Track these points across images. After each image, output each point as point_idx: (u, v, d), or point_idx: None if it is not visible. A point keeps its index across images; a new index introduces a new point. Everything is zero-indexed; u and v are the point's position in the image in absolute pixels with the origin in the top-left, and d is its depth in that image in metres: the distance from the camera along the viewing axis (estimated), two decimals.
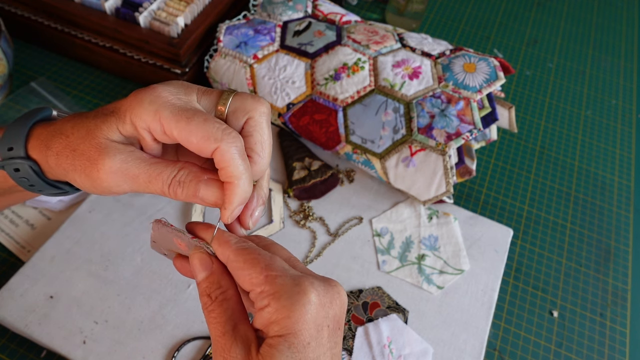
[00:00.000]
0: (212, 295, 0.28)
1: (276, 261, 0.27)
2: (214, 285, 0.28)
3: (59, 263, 0.52)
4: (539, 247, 0.61)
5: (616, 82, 0.83)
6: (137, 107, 0.28)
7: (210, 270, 0.29)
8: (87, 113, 0.30)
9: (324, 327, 0.26)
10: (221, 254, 0.29)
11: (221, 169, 0.27)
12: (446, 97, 0.56)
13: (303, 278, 0.26)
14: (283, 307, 0.25)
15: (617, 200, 0.67)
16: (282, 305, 0.25)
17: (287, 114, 0.61)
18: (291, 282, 0.26)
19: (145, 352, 0.47)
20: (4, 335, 0.49)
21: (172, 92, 0.28)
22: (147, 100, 0.28)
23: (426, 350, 0.50)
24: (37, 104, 0.67)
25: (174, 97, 0.28)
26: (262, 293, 0.26)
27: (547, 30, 0.90)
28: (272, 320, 0.25)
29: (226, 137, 0.27)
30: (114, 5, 0.66)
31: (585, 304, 0.57)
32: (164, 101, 0.28)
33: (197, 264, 0.29)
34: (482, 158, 0.69)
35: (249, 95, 0.30)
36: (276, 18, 0.67)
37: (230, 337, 0.26)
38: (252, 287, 0.26)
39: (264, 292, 0.26)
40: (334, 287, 0.27)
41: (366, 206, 0.60)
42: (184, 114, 0.27)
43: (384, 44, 0.62)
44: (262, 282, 0.26)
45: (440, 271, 0.55)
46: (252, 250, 0.28)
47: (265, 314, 0.26)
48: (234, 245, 0.28)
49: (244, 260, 0.27)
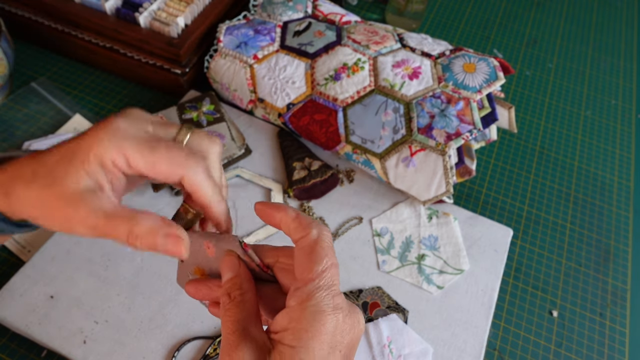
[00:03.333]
0: (232, 294, 0.28)
1: (332, 272, 0.27)
2: (235, 286, 0.29)
3: (59, 263, 0.52)
4: (538, 247, 0.61)
5: (616, 82, 0.83)
6: (98, 146, 0.27)
7: (236, 272, 0.29)
8: (44, 156, 0.28)
9: (336, 351, 0.26)
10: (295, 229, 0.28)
11: (192, 192, 0.29)
12: (446, 97, 0.56)
13: (337, 297, 0.26)
14: (305, 319, 0.25)
15: (617, 201, 0.67)
16: (304, 316, 0.25)
17: (287, 114, 0.61)
18: (325, 301, 0.26)
19: (145, 352, 0.47)
20: (5, 335, 0.49)
21: (130, 123, 0.28)
22: (106, 138, 0.27)
23: (426, 350, 0.50)
24: (37, 104, 0.67)
25: (133, 129, 0.28)
26: (297, 292, 0.26)
27: (546, 31, 0.90)
28: (290, 327, 0.25)
29: (191, 163, 0.28)
30: (114, 5, 0.66)
31: (585, 303, 0.57)
32: (123, 135, 0.27)
33: (226, 265, 0.30)
34: (482, 158, 0.69)
35: (205, 135, 0.31)
36: (276, 18, 0.67)
37: (239, 336, 0.27)
38: (298, 280, 0.27)
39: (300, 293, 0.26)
40: (356, 315, 0.27)
41: (366, 206, 0.60)
42: (147, 145, 0.27)
43: (384, 44, 0.62)
44: (307, 280, 0.26)
45: (440, 271, 0.55)
46: (328, 248, 0.28)
47: (285, 316, 0.26)
48: (315, 234, 0.28)
49: (313, 250, 0.27)
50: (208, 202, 0.29)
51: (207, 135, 0.31)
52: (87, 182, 0.28)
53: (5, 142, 0.63)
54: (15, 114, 0.66)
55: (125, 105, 0.69)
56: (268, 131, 0.66)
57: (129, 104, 0.69)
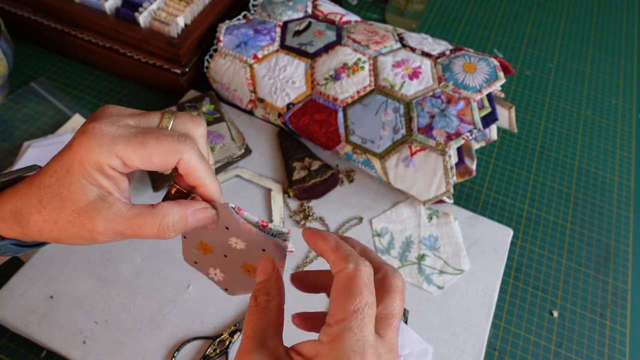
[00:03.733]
0: (258, 299, 0.29)
1: (364, 313, 0.25)
2: (264, 290, 0.29)
3: (59, 263, 0.52)
4: (539, 247, 0.61)
5: (616, 82, 0.83)
6: (90, 154, 0.27)
7: (269, 276, 0.29)
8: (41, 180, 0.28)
9: None
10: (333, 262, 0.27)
11: (187, 175, 0.29)
12: (446, 97, 0.56)
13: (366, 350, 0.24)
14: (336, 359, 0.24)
15: (617, 201, 0.67)
16: (331, 357, 0.24)
17: (287, 114, 0.61)
18: (351, 347, 0.24)
19: (145, 352, 0.47)
20: (4, 335, 0.49)
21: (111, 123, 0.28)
22: (95, 144, 0.27)
23: (426, 350, 0.50)
24: (37, 103, 0.67)
25: (116, 128, 0.27)
26: (329, 329, 0.25)
27: (547, 30, 0.90)
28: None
29: (183, 147, 0.28)
30: (114, 5, 0.66)
31: (585, 304, 0.57)
32: (110, 137, 0.27)
33: (261, 267, 0.30)
34: (482, 158, 0.69)
35: (189, 118, 0.30)
36: (276, 18, 0.67)
37: (254, 343, 0.27)
38: (333, 312, 0.25)
39: (331, 331, 0.25)
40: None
41: (366, 206, 0.60)
42: (136, 140, 0.27)
43: (384, 44, 0.62)
44: (339, 319, 0.25)
45: (440, 271, 0.55)
46: (367, 283, 0.26)
47: (313, 349, 0.25)
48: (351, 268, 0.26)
49: (348, 288, 0.25)
50: (202, 182, 0.29)
51: (190, 117, 0.30)
52: (94, 192, 0.28)
53: (5, 142, 0.63)
54: (15, 114, 0.66)
55: (125, 105, 0.69)
56: (268, 131, 0.66)
57: (128, 103, 0.69)
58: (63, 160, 0.28)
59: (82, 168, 0.27)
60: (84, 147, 0.27)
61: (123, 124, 0.28)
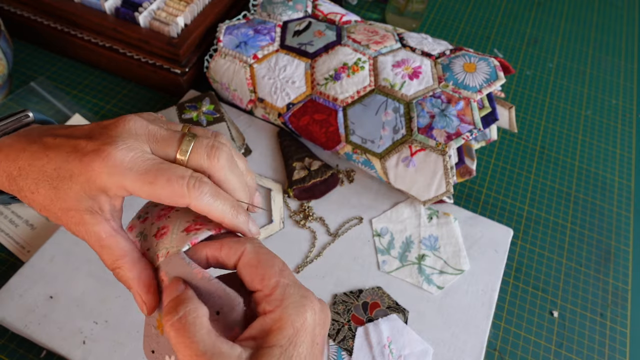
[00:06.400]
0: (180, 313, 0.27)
1: (287, 269, 0.28)
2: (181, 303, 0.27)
3: (58, 263, 0.52)
4: (539, 247, 0.61)
5: (616, 82, 0.83)
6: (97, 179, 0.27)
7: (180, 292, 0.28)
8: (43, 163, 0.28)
9: (315, 344, 0.27)
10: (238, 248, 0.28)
11: (205, 214, 0.28)
12: (446, 97, 0.56)
13: (309, 292, 0.27)
14: (289, 317, 0.25)
15: (617, 201, 0.67)
16: (288, 314, 0.25)
17: (287, 114, 0.61)
18: (299, 294, 0.26)
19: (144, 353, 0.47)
20: (4, 336, 0.49)
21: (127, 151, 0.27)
22: (105, 172, 0.27)
23: (426, 351, 0.50)
24: (37, 103, 0.67)
25: (130, 159, 0.27)
26: (269, 296, 0.26)
27: (547, 30, 0.90)
28: (274, 329, 0.25)
29: (193, 194, 0.27)
30: (114, 5, 0.66)
31: (585, 304, 0.57)
32: (122, 169, 0.27)
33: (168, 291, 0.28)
34: (482, 158, 0.69)
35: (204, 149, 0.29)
36: (276, 18, 0.67)
37: None
38: (262, 287, 0.27)
39: (274, 297, 0.26)
40: (327, 309, 0.28)
41: (366, 206, 0.60)
42: (146, 178, 0.27)
43: (384, 44, 0.62)
44: (273, 285, 0.26)
45: (440, 271, 0.55)
46: (269, 251, 0.28)
47: (268, 320, 0.26)
48: (250, 247, 0.28)
49: (260, 260, 0.27)
50: (221, 221, 0.29)
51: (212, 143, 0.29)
52: (88, 203, 0.28)
53: None
54: None
55: (125, 105, 0.69)
56: (268, 131, 0.66)
57: (128, 103, 0.69)
58: (70, 164, 0.27)
59: (86, 184, 0.27)
60: (95, 170, 0.27)
61: (139, 151, 0.28)
